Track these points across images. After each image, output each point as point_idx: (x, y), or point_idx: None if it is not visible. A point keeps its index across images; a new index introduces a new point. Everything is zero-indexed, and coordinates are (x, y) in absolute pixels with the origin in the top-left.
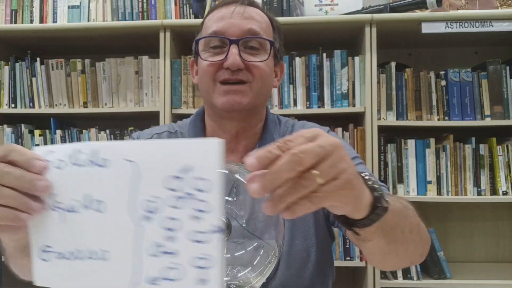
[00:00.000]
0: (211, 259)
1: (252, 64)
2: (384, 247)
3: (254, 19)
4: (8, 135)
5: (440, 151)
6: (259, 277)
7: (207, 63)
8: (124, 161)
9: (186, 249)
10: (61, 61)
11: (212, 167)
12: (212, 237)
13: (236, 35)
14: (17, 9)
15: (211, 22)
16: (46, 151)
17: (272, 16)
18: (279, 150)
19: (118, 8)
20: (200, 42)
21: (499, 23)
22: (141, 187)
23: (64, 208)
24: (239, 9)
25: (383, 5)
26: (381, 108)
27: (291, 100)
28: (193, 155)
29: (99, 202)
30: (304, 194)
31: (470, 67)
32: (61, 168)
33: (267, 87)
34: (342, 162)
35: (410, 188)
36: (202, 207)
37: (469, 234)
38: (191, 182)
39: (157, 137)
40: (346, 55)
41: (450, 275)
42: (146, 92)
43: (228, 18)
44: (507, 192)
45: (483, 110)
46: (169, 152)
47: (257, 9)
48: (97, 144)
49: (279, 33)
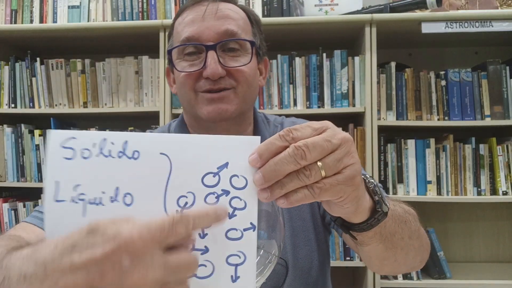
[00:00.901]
0: (244, 257)
1: (234, 69)
2: (382, 253)
3: (229, 17)
4: (8, 135)
5: (440, 151)
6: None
7: (185, 74)
8: (158, 154)
9: (219, 246)
10: (61, 61)
11: (249, 165)
12: (246, 234)
13: (212, 39)
14: (17, 9)
15: (182, 26)
16: (66, 137)
17: (248, 9)
18: (282, 140)
19: (118, 8)
20: (173, 51)
21: (499, 23)
22: (175, 181)
23: (87, 201)
24: (211, 8)
25: (383, 5)
26: (381, 108)
27: (291, 100)
28: (231, 151)
29: (128, 196)
30: (305, 184)
31: (470, 67)
32: (86, 157)
33: (253, 89)
34: (348, 157)
35: (410, 188)
36: (237, 205)
37: (469, 234)
38: (227, 179)
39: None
40: (346, 55)
41: (450, 275)
42: (146, 92)
43: (200, 20)
44: (507, 192)
45: (483, 110)
46: (205, 147)
47: (230, 3)
48: (127, 135)
49: (258, 27)
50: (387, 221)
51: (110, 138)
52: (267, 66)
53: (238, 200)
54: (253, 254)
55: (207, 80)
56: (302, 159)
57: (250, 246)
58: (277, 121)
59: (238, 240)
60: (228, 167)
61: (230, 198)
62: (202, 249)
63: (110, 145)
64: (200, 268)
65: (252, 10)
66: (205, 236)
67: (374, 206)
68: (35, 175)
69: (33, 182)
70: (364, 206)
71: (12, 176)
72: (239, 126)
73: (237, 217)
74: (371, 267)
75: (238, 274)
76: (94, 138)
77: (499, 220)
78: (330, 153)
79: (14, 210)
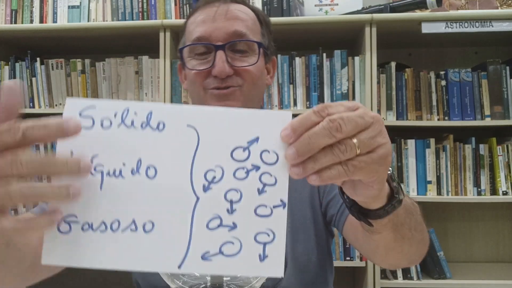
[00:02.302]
0: (273, 235)
1: (241, 69)
2: (391, 243)
3: (239, 18)
4: None
5: (440, 151)
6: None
7: (195, 72)
8: (185, 126)
9: (247, 223)
10: (61, 61)
11: (280, 140)
12: (276, 211)
13: (221, 39)
14: (17, 9)
15: (193, 26)
16: (85, 106)
17: (258, 10)
18: (317, 115)
19: (118, 8)
20: (184, 49)
21: (499, 23)
22: (202, 155)
23: (106, 172)
24: (222, 9)
25: (383, 5)
26: (381, 108)
27: (291, 100)
28: (262, 126)
29: (151, 168)
30: (340, 160)
31: (470, 67)
32: (105, 127)
33: (259, 88)
34: (381, 136)
35: (410, 188)
36: (268, 181)
37: (469, 234)
38: (258, 154)
39: None
40: (346, 55)
41: (450, 275)
42: (146, 92)
43: (211, 21)
44: (507, 192)
45: (483, 110)
46: (235, 121)
47: (241, 4)
48: (152, 105)
49: (268, 27)
50: (400, 209)
51: (133, 108)
52: (275, 65)
53: (269, 176)
54: (283, 232)
55: (215, 78)
56: (338, 132)
57: (279, 224)
58: None
59: (268, 217)
60: (259, 142)
61: (260, 173)
62: (229, 225)
63: (133, 115)
64: (226, 245)
65: (261, 11)
66: (233, 212)
67: (391, 192)
68: None
69: None
70: (385, 191)
71: None
72: None
73: (267, 193)
74: (375, 257)
75: (266, 253)
76: (116, 108)
77: (499, 220)
78: (363, 130)
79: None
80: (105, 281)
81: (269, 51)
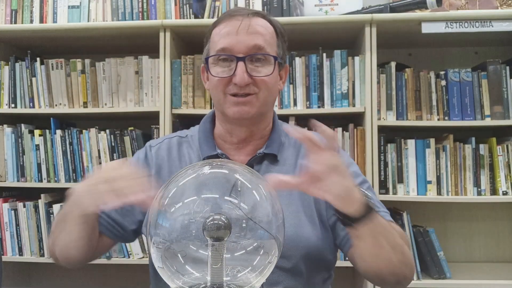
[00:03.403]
0: None
1: (259, 79)
2: (373, 248)
3: (258, 33)
4: (8, 135)
5: (440, 151)
6: (259, 277)
7: (217, 78)
8: None
9: None
10: (61, 61)
11: None
12: None
13: (242, 51)
14: (17, 9)
15: (218, 37)
16: None
17: (276, 22)
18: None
19: (118, 8)
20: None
21: (499, 23)
22: None
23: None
24: (245, 23)
25: (383, 5)
26: (381, 108)
27: (291, 100)
28: None
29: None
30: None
31: (470, 67)
32: None
33: (272, 95)
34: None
35: (410, 188)
36: None
37: (469, 234)
38: None
39: (168, 141)
40: (346, 55)
41: (450, 275)
42: (146, 92)
43: (234, 34)
44: (507, 192)
45: (483, 110)
46: None
47: (262, 18)
48: None
49: (283, 37)
50: (376, 221)
51: None
52: (287, 72)
53: None
54: None
55: (235, 85)
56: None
57: None
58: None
59: None
60: None
61: None
62: None
63: None
64: None
65: (279, 23)
66: None
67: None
68: (35, 175)
69: (33, 182)
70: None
71: (12, 176)
72: (258, 124)
73: None
74: (361, 264)
75: None
76: None
77: (499, 220)
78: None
79: (14, 210)
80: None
81: (283, 60)
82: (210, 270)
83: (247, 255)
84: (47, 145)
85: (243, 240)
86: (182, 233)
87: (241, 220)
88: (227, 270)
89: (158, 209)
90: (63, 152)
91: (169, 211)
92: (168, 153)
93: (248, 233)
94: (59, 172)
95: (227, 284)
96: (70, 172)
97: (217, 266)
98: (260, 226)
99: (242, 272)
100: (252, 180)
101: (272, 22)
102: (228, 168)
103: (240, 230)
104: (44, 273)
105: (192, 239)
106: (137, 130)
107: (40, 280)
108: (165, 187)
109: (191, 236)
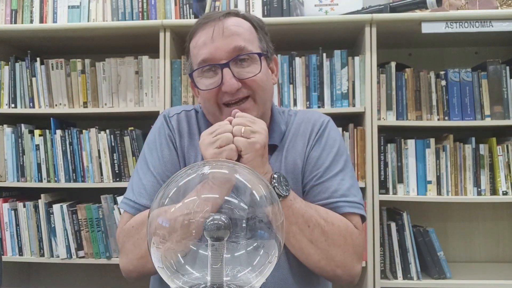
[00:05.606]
0: None
1: (248, 80)
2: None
3: (235, 33)
4: (8, 135)
5: (440, 151)
6: (259, 277)
7: (206, 91)
8: None
9: None
10: (61, 61)
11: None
12: None
13: (224, 57)
14: (17, 9)
15: (196, 50)
16: None
17: (251, 17)
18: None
19: (118, 8)
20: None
21: (499, 23)
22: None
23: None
24: (218, 27)
25: (383, 5)
26: (381, 108)
27: (291, 100)
28: None
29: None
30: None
31: (470, 67)
32: None
33: (268, 91)
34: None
35: (410, 188)
36: None
37: (469, 234)
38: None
39: (185, 114)
40: (346, 55)
41: (450, 275)
42: (146, 92)
43: (210, 42)
44: (507, 192)
45: (483, 110)
46: None
47: (235, 17)
48: None
49: (263, 30)
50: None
51: None
52: (277, 63)
53: None
54: None
55: (226, 93)
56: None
57: None
58: (291, 111)
59: None
60: None
61: None
62: None
63: None
64: None
65: (254, 17)
66: None
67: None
68: (35, 175)
69: (33, 182)
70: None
71: (12, 176)
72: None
73: None
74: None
75: None
76: None
77: (499, 220)
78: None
79: (14, 210)
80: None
81: (269, 53)
82: (210, 270)
83: (247, 255)
84: (47, 145)
85: (243, 240)
86: (182, 233)
87: (241, 220)
88: (227, 270)
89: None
90: (63, 152)
91: (169, 211)
92: (188, 125)
93: (248, 233)
94: (59, 172)
95: (227, 284)
96: (70, 172)
97: (217, 266)
98: (260, 226)
99: (242, 272)
100: (252, 180)
101: (247, 17)
102: (228, 168)
103: (240, 230)
104: (44, 273)
105: (192, 239)
106: (137, 130)
107: (40, 280)
108: (165, 187)
109: (191, 236)
